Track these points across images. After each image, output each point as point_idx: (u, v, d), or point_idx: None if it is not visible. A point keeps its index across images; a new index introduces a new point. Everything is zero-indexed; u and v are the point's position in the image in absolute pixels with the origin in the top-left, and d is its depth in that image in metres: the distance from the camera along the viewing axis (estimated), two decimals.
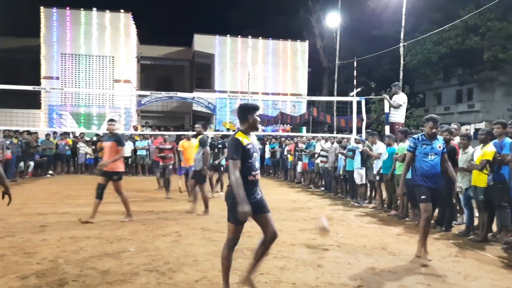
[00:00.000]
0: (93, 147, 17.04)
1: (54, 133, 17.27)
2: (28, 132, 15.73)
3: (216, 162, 10.43)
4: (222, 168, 10.52)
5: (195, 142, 8.75)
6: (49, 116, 21.41)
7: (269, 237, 3.73)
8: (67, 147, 16.85)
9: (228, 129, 24.26)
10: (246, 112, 3.76)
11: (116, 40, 22.47)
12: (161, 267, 4.56)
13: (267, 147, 18.13)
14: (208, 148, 8.20)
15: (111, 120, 7.45)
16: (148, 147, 16.77)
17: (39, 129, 17.82)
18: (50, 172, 16.30)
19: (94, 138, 17.67)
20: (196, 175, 8.05)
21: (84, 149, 17.17)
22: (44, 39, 21.70)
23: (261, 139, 19.41)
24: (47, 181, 14.55)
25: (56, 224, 6.80)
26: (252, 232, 6.41)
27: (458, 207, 7.34)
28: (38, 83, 20.56)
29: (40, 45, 21.69)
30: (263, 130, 22.57)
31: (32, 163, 15.41)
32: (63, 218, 7.44)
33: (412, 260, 4.96)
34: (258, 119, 3.79)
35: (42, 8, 21.63)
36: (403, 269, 4.14)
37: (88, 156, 17.15)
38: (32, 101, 20.24)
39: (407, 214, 7.91)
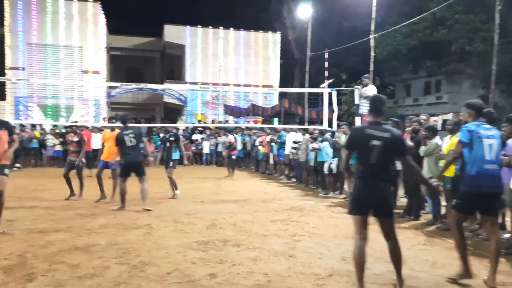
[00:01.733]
0: (62, 139, 16.59)
1: (22, 125, 16.71)
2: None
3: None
4: (173, 163, 9.14)
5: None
6: (15, 108, 20.68)
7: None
8: (34, 140, 16.36)
9: (199, 121, 24.13)
10: (384, 104, 3.79)
11: (84, 30, 21.86)
12: (132, 260, 4.54)
13: (239, 139, 18.13)
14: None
15: None
16: None
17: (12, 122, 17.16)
18: (17, 165, 15.79)
19: (63, 130, 17.21)
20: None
21: (52, 141, 16.73)
22: (10, 28, 20.86)
23: (232, 131, 19.41)
24: (14, 174, 14.06)
25: (23, 218, 6.63)
26: (224, 224, 6.49)
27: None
28: (3, 74, 19.81)
29: (4, 34, 20.83)
30: (235, 122, 22.58)
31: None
32: (31, 212, 7.27)
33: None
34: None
35: None
36: (373, 258, 4.28)
37: (56, 148, 16.72)
38: None
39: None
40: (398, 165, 7.61)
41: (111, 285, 3.80)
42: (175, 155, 9.21)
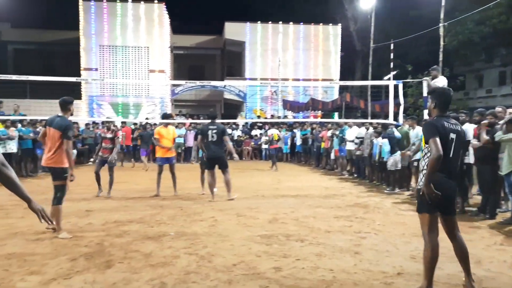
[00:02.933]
0: (132, 135, 17.60)
1: (95, 123, 17.88)
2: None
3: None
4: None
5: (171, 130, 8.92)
6: (89, 106, 22.17)
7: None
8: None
9: (258, 117, 24.34)
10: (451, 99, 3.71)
11: (151, 31, 22.89)
12: (200, 251, 4.71)
13: (298, 134, 18.09)
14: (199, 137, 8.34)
15: None
16: (184, 135, 17.24)
17: (81, 119, 18.52)
18: (92, 159, 16.94)
19: (132, 127, 18.20)
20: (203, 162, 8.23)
21: (120, 138, 17.72)
22: (83, 32, 22.39)
23: (291, 126, 19.41)
24: (90, 168, 15.13)
25: (100, 209, 7.12)
26: (286, 218, 6.51)
27: (502, 194, 7.11)
28: (78, 75, 21.28)
29: (79, 37, 22.39)
30: (294, 117, 22.49)
31: (75, 152, 16.03)
32: (106, 203, 7.78)
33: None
34: None
35: (80, 1, 22.28)
36: (445, 257, 4.08)
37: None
38: (73, 92, 20.97)
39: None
40: (471, 158, 7.20)
41: (182, 274, 3.97)
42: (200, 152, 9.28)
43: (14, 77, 11.32)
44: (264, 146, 18.89)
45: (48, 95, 15.85)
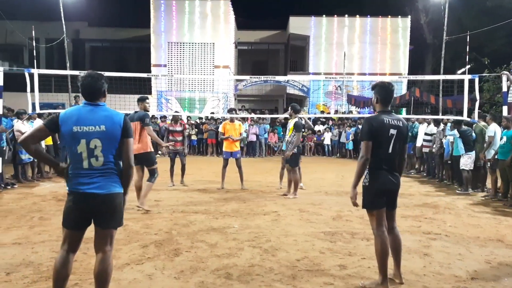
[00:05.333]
0: (196, 129, 18.18)
1: (163, 117, 18.70)
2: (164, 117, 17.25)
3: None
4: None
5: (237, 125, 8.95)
6: (158, 101, 23.21)
7: None
8: None
9: (322, 112, 23.99)
10: None
11: (216, 27, 23.37)
12: (263, 244, 4.76)
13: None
14: (300, 133, 8.07)
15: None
16: (247, 129, 17.47)
17: (150, 113, 19.38)
18: (159, 152, 17.74)
19: (198, 121, 18.80)
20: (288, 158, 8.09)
21: (188, 131, 18.40)
22: (154, 29, 23.41)
23: (356, 121, 18.93)
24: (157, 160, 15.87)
25: (168, 199, 7.44)
26: (351, 216, 6.37)
27: None
28: (149, 71, 22.32)
29: (149, 35, 23.46)
30: (359, 112, 21.90)
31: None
32: (173, 194, 8.12)
33: None
34: None
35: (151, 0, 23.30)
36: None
37: (192, 138, 18.34)
38: (143, 87, 22.06)
39: None
40: None
41: (246, 266, 4.04)
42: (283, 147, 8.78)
43: None
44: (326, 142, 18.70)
45: (121, 90, 16.76)
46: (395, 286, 3.61)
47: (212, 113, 21.07)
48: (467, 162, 8.80)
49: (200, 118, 19.39)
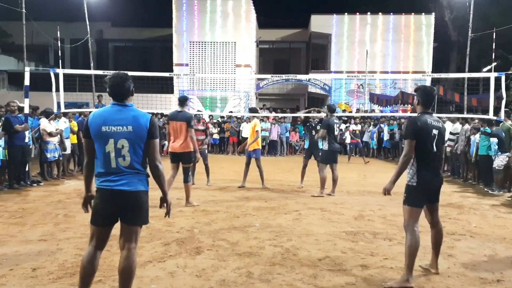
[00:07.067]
0: (219, 128, 18.31)
1: None
2: (162, 115, 17.45)
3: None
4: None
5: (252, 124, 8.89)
6: None
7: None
8: None
9: (343, 111, 23.76)
10: None
11: (238, 26, 23.42)
12: (284, 243, 4.77)
13: (386, 129, 17.36)
14: (323, 130, 7.97)
15: None
16: (269, 128, 17.52)
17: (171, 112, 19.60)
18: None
19: (220, 120, 18.91)
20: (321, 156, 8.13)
21: (210, 130, 18.53)
22: (176, 29, 23.65)
23: (378, 120, 18.68)
24: None
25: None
26: (373, 216, 6.31)
27: None
28: (171, 70, 22.56)
29: (172, 34, 23.72)
30: (381, 111, 21.61)
31: (166, 143, 17.07)
32: (194, 192, 8.17)
33: None
34: None
35: None
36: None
37: (214, 136, 18.47)
38: (165, 86, 22.37)
39: None
40: None
41: (267, 264, 4.06)
42: (320, 144, 8.36)
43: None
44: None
45: (143, 89, 17.01)
46: (426, 276, 3.56)
47: (231, 111, 21.14)
48: (502, 162, 8.57)
49: (222, 117, 19.50)
